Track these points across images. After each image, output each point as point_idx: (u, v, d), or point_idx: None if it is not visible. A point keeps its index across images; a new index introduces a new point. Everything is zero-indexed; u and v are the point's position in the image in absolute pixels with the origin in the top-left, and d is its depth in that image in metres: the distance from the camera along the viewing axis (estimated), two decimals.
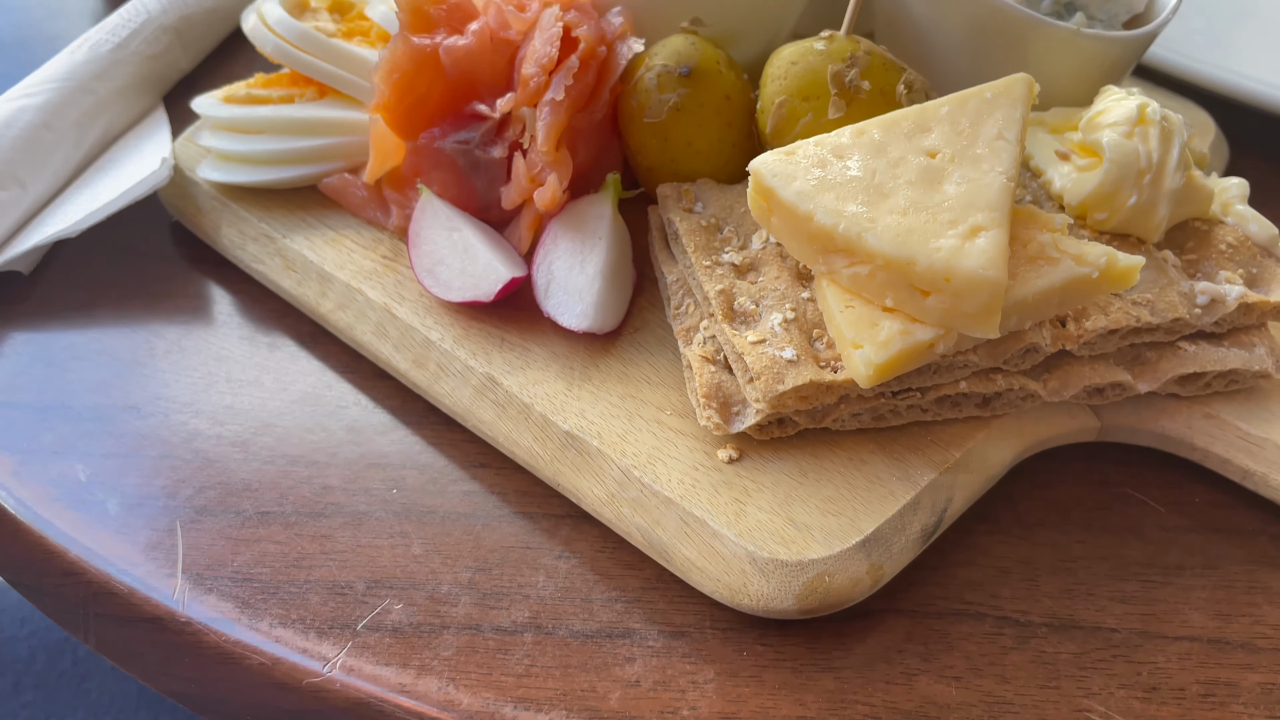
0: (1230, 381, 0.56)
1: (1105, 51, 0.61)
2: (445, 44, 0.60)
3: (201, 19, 0.82)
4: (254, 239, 0.64)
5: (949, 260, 0.47)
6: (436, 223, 0.60)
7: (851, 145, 0.52)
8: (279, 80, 0.69)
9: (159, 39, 0.78)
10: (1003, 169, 0.50)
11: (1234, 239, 0.58)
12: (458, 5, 0.62)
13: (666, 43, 0.60)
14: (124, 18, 0.78)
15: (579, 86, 0.59)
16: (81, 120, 0.70)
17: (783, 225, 0.52)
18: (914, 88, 0.58)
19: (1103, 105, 0.57)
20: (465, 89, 0.61)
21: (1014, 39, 0.61)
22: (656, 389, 0.55)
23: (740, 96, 0.60)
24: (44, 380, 0.59)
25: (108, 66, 0.74)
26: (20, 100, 0.69)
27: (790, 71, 0.57)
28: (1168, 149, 0.55)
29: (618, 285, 0.59)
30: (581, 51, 0.59)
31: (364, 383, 0.60)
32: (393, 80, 0.60)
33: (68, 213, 0.66)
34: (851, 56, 0.57)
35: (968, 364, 0.52)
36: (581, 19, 0.60)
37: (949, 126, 0.52)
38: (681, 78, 0.58)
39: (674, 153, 0.60)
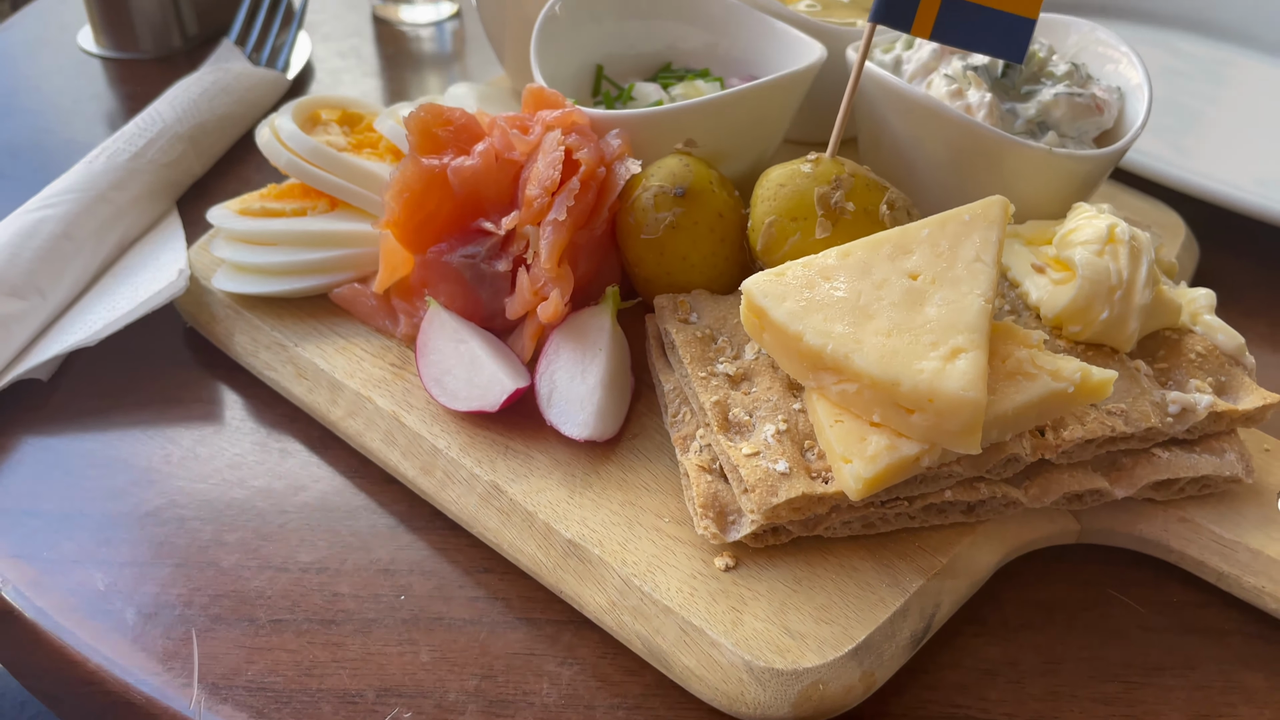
0: (1203, 486, 0.58)
1: (1076, 169, 0.65)
2: (453, 165, 0.63)
3: (214, 125, 0.86)
4: (266, 347, 0.67)
5: (931, 382, 0.50)
6: (444, 334, 0.63)
7: (837, 267, 0.55)
8: (291, 192, 0.72)
9: (174, 147, 0.81)
10: (980, 291, 0.53)
11: (1203, 348, 0.61)
12: (464, 127, 0.66)
13: (662, 163, 0.64)
14: (140, 127, 0.82)
15: (580, 206, 0.62)
16: (100, 229, 0.73)
17: (774, 342, 0.55)
18: (895, 206, 0.61)
19: (1074, 223, 0.61)
20: (472, 206, 0.64)
21: (990, 158, 0.65)
22: (655, 495, 0.58)
23: (732, 214, 0.64)
24: (63, 488, 0.61)
25: (125, 176, 0.77)
26: (42, 211, 0.72)
27: (779, 193, 0.61)
28: (1136, 267, 0.58)
29: (617, 393, 0.61)
30: (582, 173, 0.62)
31: (372, 487, 0.62)
32: (403, 199, 0.63)
33: (87, 321, 0.68)
34: (836, 179, 0.60)
35: (952, 474, 0.54)
36: (582, 142, 0.63)
37: (929, 248, 0.56)
38: (677, 198, 0.62)
39: (670, 266, 0.63)
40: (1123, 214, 0.80)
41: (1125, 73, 0.71)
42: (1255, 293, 0.80)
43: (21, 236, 0.70)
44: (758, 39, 0.78)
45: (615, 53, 0.80)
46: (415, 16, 1.10)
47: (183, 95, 0.85)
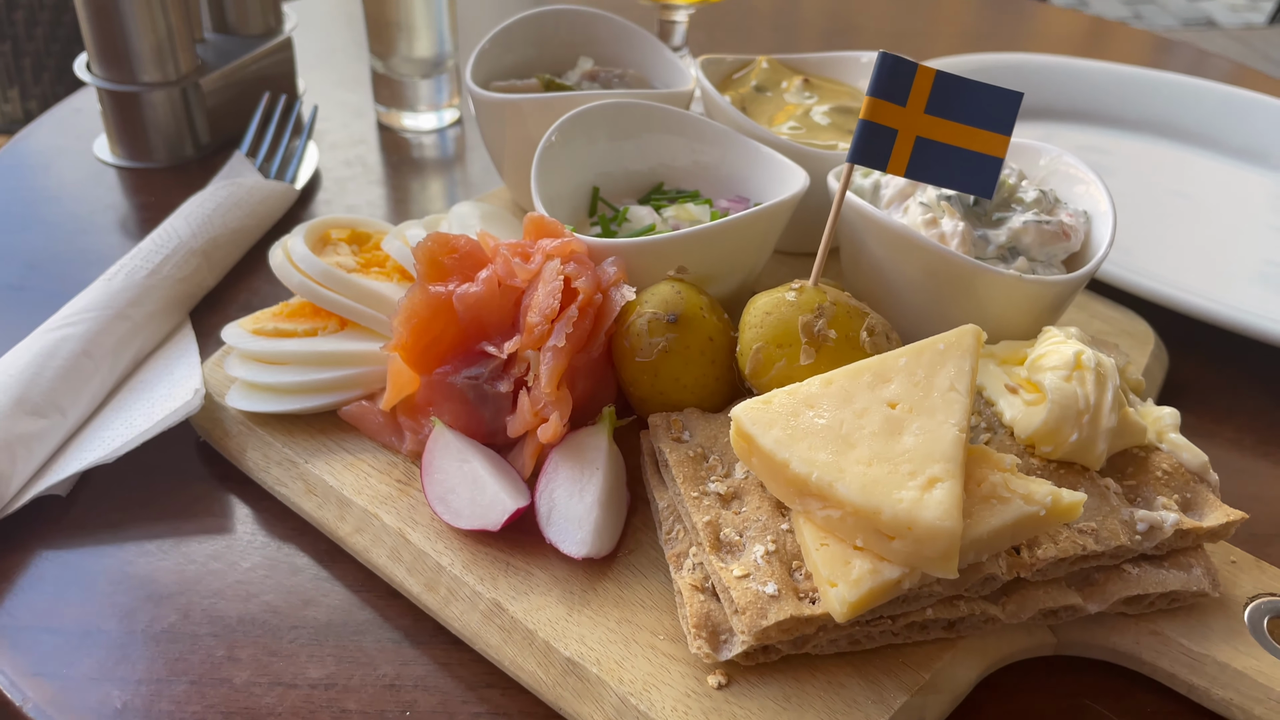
0: (1172, 600, 0.61)
1: (1045, 292, 0.69)
2: (458, 292, 0.67)
3: (227, 239, 0.89)
4: (277, 463, 0.70)
5: (910, 511, 0.53)
6: (448, 454, 0.66)
7: (821, 395, 0.59)
8: (302, 311, 0.76)
9: (189, 262, 0.85)
10: (955, 421, 0.57)
11: (1169, 465, 0.64)
12: (469, 254, 0.70)
13: (655, 290, 0.67)
14: (156, 243, 0.85)
15: (578, 332, 0.65)
16: (118, 345, 0.77)
17: (762, 466, 0.58)
18: (875, 332, 0.65)
19: (1043, 349, 0.64)
20: (475, 330, 0.68)
21: (964, 282, 0.68)
22: (651, 612, 0.60)
23: (722, 337, 0.67)
24: (81, 604, 0.63)
25: (142, 292, 0.80)
26: (63, 329, 0.76)
27: (765, 321, 0.64)
28: (1102, 392, 0.61)
29: (613, 510, 0.64)
30: (580, 301, 0.66)
31: (378, 601, 0.65)
32: (411, 324, 0.67)
33: (104, 438, 0.71)
34: (819, 308, 0.64)
35: (933, 593, 0.57)
36: (580, 270, 0.67)
37: (907, 377, 0.59)
38: (669, 324, 0.65)
39: (663, 387, 0.67)
40: (1094, 323, 0.84)
41: (1093, 194, 0.76)
42: (1222, 397, 0.84)
43: (44, 356, 0.73)
44: (745, 162, 0.82)
45: (609, 171, 0.84)
46: (418, 124, 1.15)
47: (197, 211, 0.89)
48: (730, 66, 0.96)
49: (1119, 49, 1.43)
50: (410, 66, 1.11)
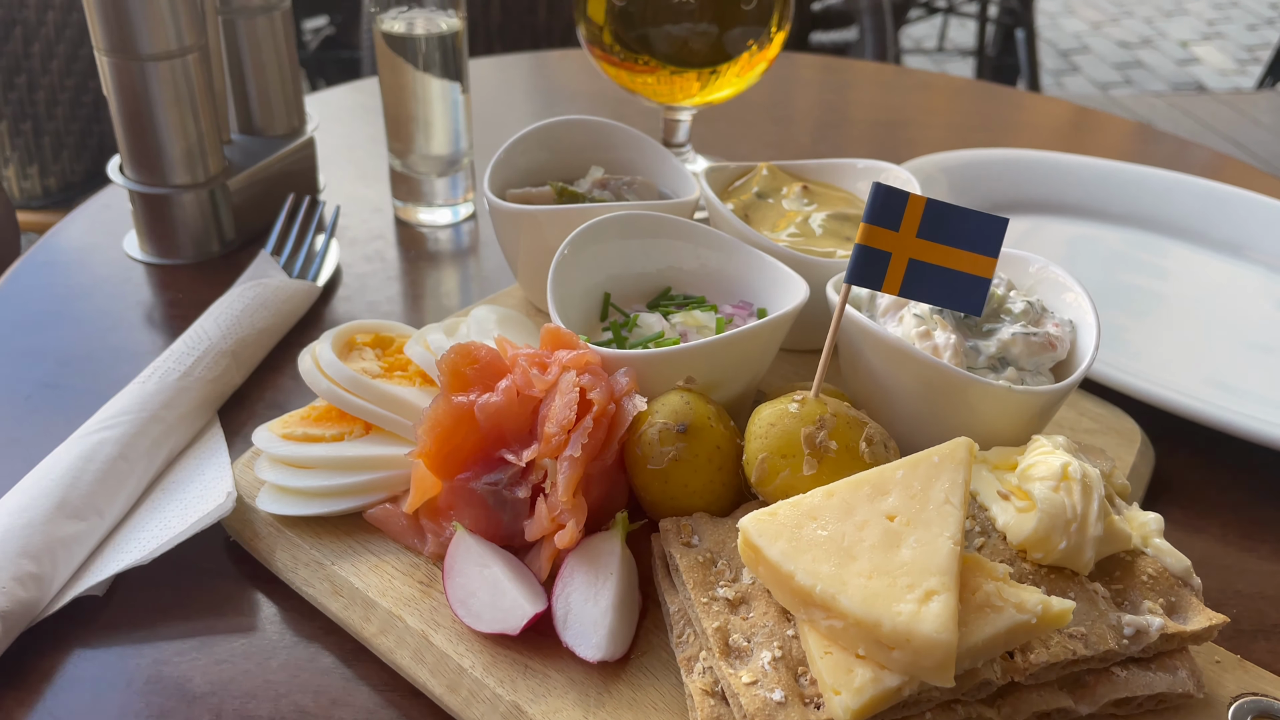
0: (1159, 702, 0.64)
1: (1034, 402, 0.73)
2: (480, 402, 0.71)
3: (254, 339, 0.94)
4: (305, 564, 0.73)
5: (909, 624, 0.56)
6: (469, 559, 0.69)
7: (823, 506, 0.62)
8: (329, 415, 0.80)
9: (218, 363, 0.89)
10: (950, 534, 0.60)
11: (1154, 570, 0.67)
12: (489, 364, 0.74)
13: (665, 400, 0.71)
14: (188, 345, 0.90)
15: (593, 441, 0.69)
16: (152, 447, 0.81)
17: (769, 576, 0.62)
18: (873, 442, 0.68)
19: (1032, 459, 0.68)
20: (495, 438, 0.72)
21: (956, 393, 0.73)
22: (663, 714, 0.63)
23: (728, 444, 0.71)
24: (117, 706, 0.66)
25: (175, 394, 0.84)
26: (100, 433, 0.79)
27: (770, 432, 0.68)
28: (1089, 502, 0.65)
29: (626, 614, 0.67)
30: (595, 412, 0.70)
31: (403, 701, 0.68)
32: (435, 434, 0.71)
33: (140, 539, 0.75)
34: (820, 419, 0.68)
35: (931, 698, 0.60)
36: (595, 382, 0.71)
37: (904, 490, 0.63)
38: (679, 434, 0.69)
39: (674, 492, 0.70)
40: (1083, 421, 0.88)
41: (1079, 303, 0.80)
42: (1207, 492, 0.88)
43: (83, 460, 0.77)
44: (748, 268, 0.87)
45: (620, 274, 0.89)
46: (434, 219, 1.20)
47: (226, 312, 0.94)
48: (732, 174, 1.01)
49: (1104, 137, 1.49)
50: (427, 165, 1.17)
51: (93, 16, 0.98)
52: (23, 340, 0.97)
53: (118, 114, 1.02)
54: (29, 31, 2.20)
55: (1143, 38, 6.91)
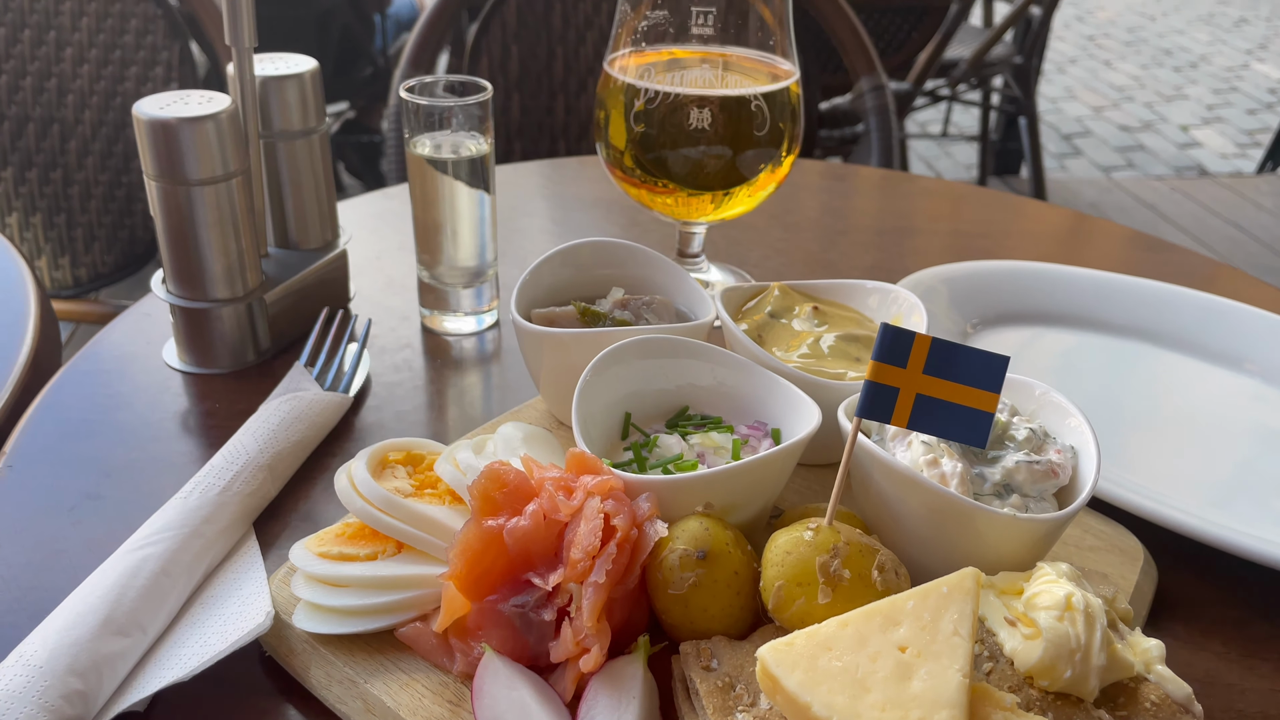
0: None
1: (1038, 529, 0.76)
2: (508, 527, 0.75)
3: (289, 452, 0.98)
4: (339, 681, 0.76)
5: None
6: (497, 681, 0.72)
7: (837, 637, 0.66)
8: (362, 533, 0.83)
9: (256, 477, 0.93)
10: (959, 666, 0.63)
11: (1157, 697, 0.70)
12: (517, 489, 0.78)
13: (685, 526, 0.75)
14: (227, 459, 0.94)
15: (617, 567, 0.73)
16: (192, 562, 0.84)
17: (786, 705, 0.65)
18: (885, 569, 0.72)
19: (1037, 588, 0.71)
20: (522, 561, 0.75)
21: (963, 519, 0.76)
22: None
23: (746, 569, 0.74)
24: None
25: (215, 509, 0.88)
26: (144, 549, 0.83)
27: (785, 560, 0.72)
28: (1091, 632, 0.68)
29: None
30: (619, 538, 0.73)
31: None
32: (465, 558, 0.74)
33: (180, 656, 0.78)
34: (834, 548, 0.71)
35: None
36: (618, 508, 0.75)
37: (914, 620, 0.66)
38: (699, 560, 0.73)
39: (693, 616, 0.74)
40: (1086, 538, 0.91)
41: (1079, 428, 0.84)
42: (1209, 609, 0.90)
43: (127, 576, 0.80)
44: (762, 390, 0.91)
45: (640, 391, 0.93)
46: (459, 327, 1.25)
47: (263, 427, 0.98)
48: (746, 294, 1.06)
49: (1102, 244, 1.54)
50: (454, 276, 1.22)
51: (144, 145, 1.04)
52: (68, 449, 1.02)
53: (163, 233, 1.08)
54: (66, 129, 2.30)
55: (1144, 121, 7.06)
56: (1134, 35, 8.78)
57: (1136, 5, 9.70)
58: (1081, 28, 8.97)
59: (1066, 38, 8.64)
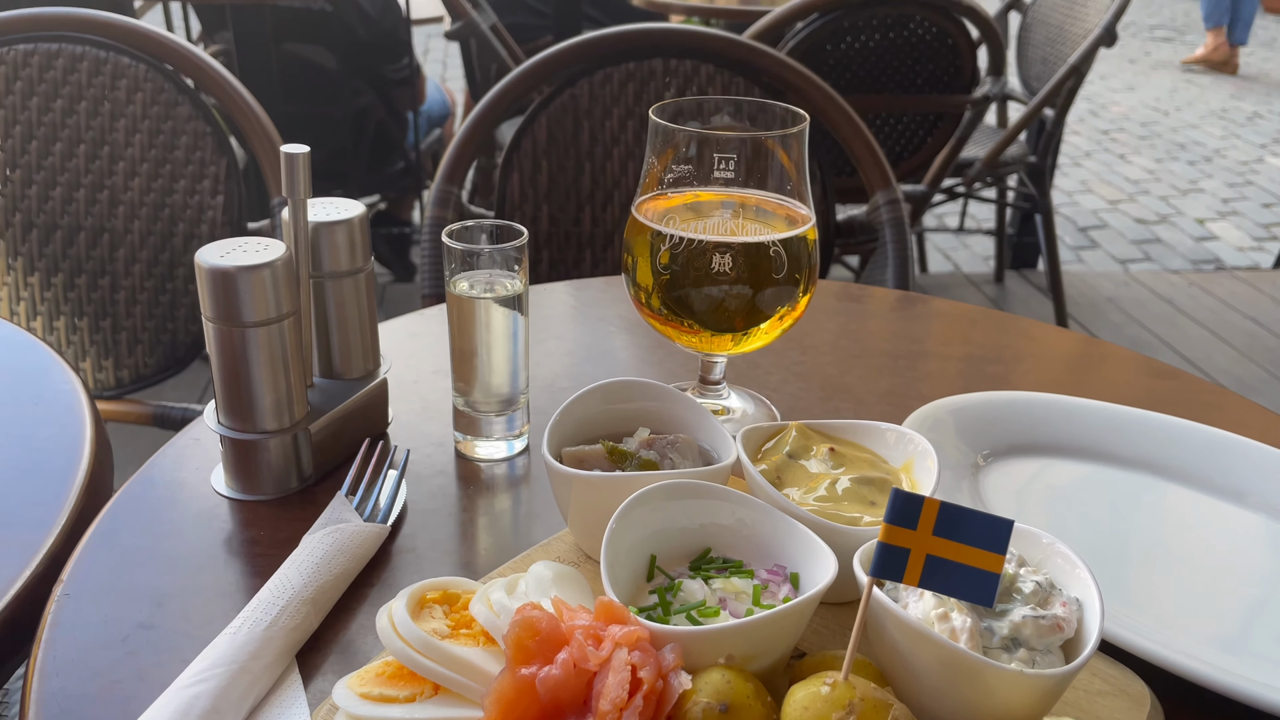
0: None
1: (1044, 684, 0.80)
2: (541, 676, 0.79)
3: (331, 584, 1.03)
4: None
5: None
6: None
7: None
8: (401, 674, 0.88)
9: (300, 610, 0.98)
10: None
11: None
12: (549, 636, 0.82)
13: (708, 679, 0.79)
14: (273, 593, 0.99)
15: (642, 718, 0.77)
16: (240, 698, 0.89)
17: None
18: None
19: None
20: (553, 709, 0.80)
21: (972, 673, 0.80)
22: None
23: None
24: None
25: (262, 645, 0.93)
26: (195, 687, 0.88)
27: (804, 715, 0.76)
28: None
29: None
30: (645, 690, 0.78)
31: None
32: (500, 707, 0.79)
33: None
34: (849, 704, 0.75)
35: None
36: (644, 659, 0.79)
37: None
38: (721, 713, 0.77)
39: None
40: (1094, 682, 0.94)
41: (1085, 580, 0.88)
42: None
43: (179, 715, 0.85)
44: (781, 534, 0.96)
45: (664, 529, 0.98)
46: (491, 452, 1.31)
47: (307, 560, 1.03)
48: (765, 434, 1.11)
49: (1112, 370, 1.59)
50: (488, 405, 1.28)
51: (204, 290, 1.12)
52: (122, 579, 1.07)
53: (218, 370, 1.15)
54: (115, 238, 2.41)
55: (1160, 215, 7.16)
56: (1148, 130, 8.94)
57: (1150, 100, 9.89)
58: (1096, 122, 9.14)
59: (1081, 132, 8.80)
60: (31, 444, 1.28)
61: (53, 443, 1.28)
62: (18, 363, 1.47)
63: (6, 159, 2.38)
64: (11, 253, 2.42)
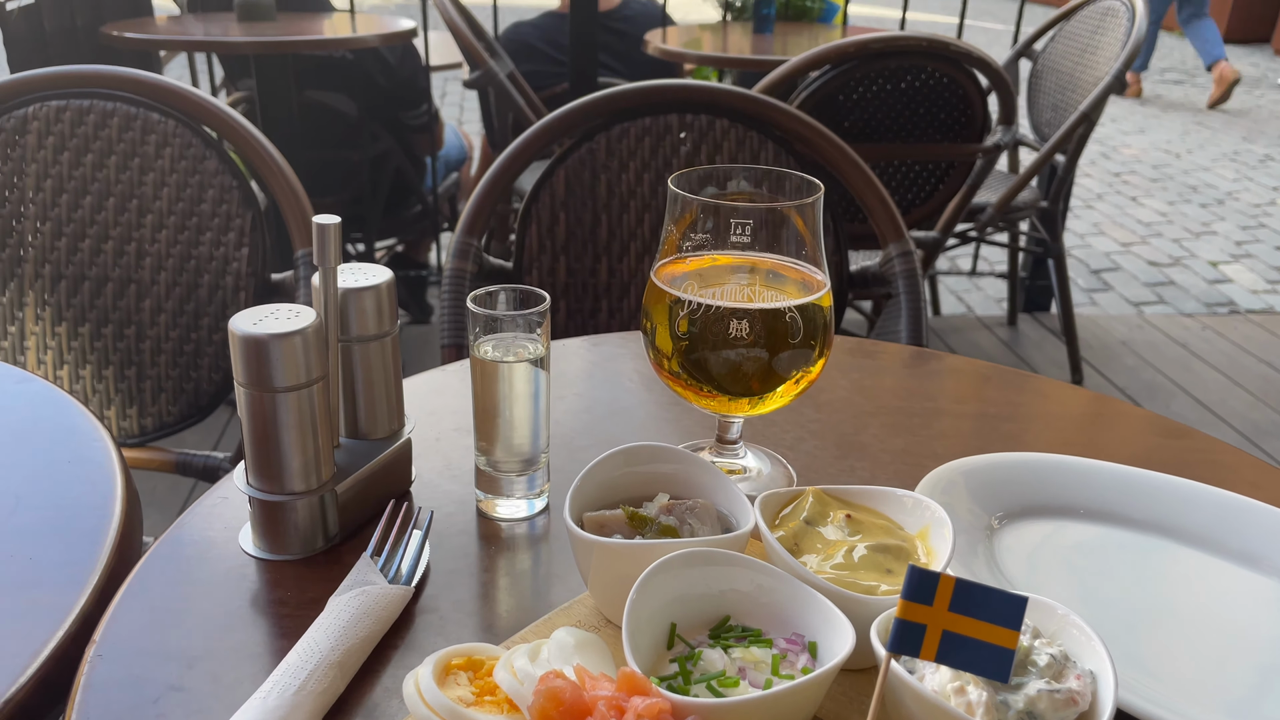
0: None
1: None
2: None
3: (358, 648, 1.05)
4: None
5: None
6: None
7: None
8: None
9: (327, 675, 1.00)
10: None
11: None
12: (572, 706, 0.84)
13: None
14: (302, 657, 1.01)
15: None
16: None
17: None
18: None
19: None
20: None
21: None
22: None
23: None
24: None
25: (290, 709, 0.95)
26: None
27: None
28: None
29: None
30: None
31: None
32: None
33: None
34: None
35: None
36: None
37: None
38: None
39: None
40: None
41: (1099, 652, 0.90)
42: None
43: None
44: (799, 602, 0.98)
45: (685, 595, 1.00)
46: (512, 512, 1.33)
47: (334, 623, 1.06)
48: (783, 499, 1.13)
49: (1124, 428, 1.61)
50: (510, 465, 1.31)
51: (236, 356, 1.15)
52: (153, 639, 1.10)
53: (248, 434, 1.18)
54: (142, 289, 2.46)
55: (1173, 257, 7.17)
56: (1160, 172, 8.98)
57: (1161, 143, 9.95)
58: (1108, 164, 9.19)
59: (1093, 174, 8.85)
60: (63, 502, 1.31)
61: (84, 501, 1.31)
62: (49, 418, 1.50)
63: (38, 211, 2.44)
64: (40, 303, 2.47)
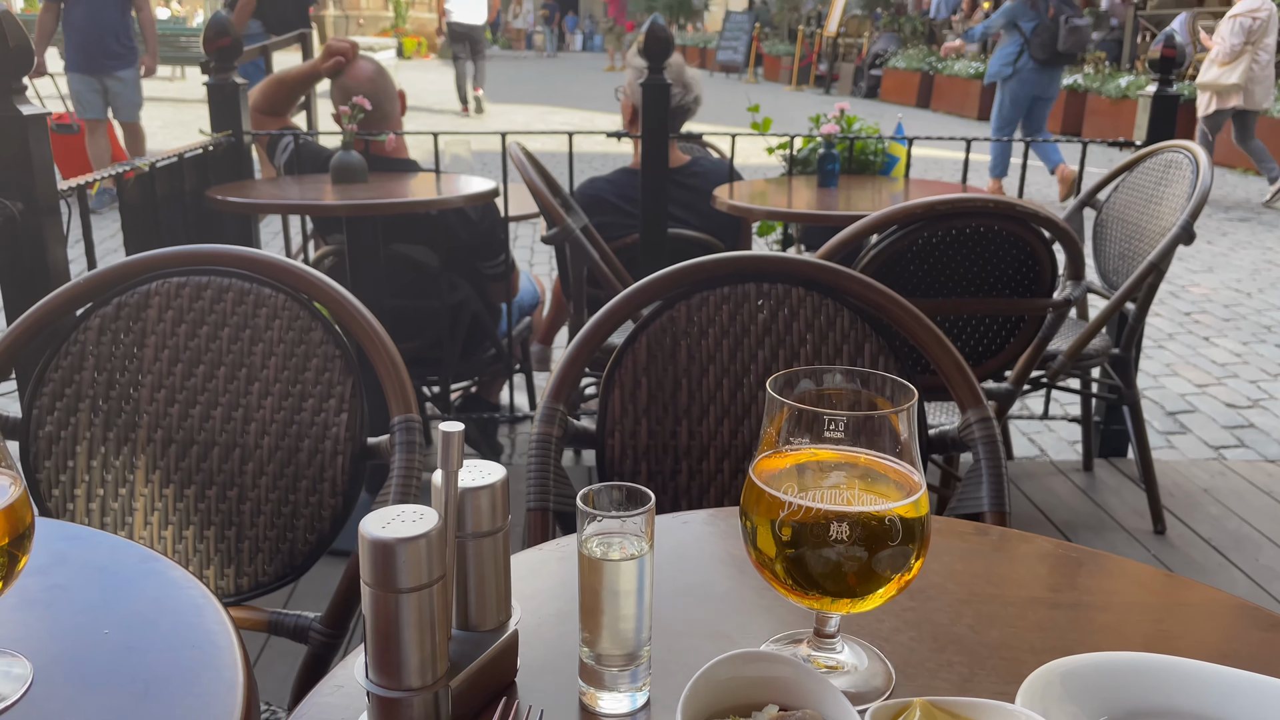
0: None
1: None
2: None
3: None
4: None
5: None
6: None
7: None
8: None
9: None
10: None
11: None
12: None
13: None
14: None
15: None
16: None
17: None
18: None
19: None
20: None
21: None
22: None
23: None
24: None
25: None
26: None
27: None
28: None
29: None
30: None
31: None
32: None
33: None
34: None
35: None
36: None
37: None
38: None
39: None
40: None
41: None
42: None
43: None
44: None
45: None
46: (615, 706, 1.36)
47: None
48: (892, 711, 1.15)
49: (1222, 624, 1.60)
50: (613, 659, 1.35)
51: (364, 557, 1.22)
52: None
53: (371, 631, 1.25)
54: (245, 453, 2.58)
55: (1251, 399, 7.06)
56: (1231, 311, 8.90)
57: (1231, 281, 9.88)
58: (1177, 303, 9.14)
59: (1163, 313, 8.80)
60: (191, 691, 1.37)
61: (210, 688, 1.37)
62: (173, 602, 1.58)
63: (154, 380, 2.60)
64: (151, 466, 2.60)
